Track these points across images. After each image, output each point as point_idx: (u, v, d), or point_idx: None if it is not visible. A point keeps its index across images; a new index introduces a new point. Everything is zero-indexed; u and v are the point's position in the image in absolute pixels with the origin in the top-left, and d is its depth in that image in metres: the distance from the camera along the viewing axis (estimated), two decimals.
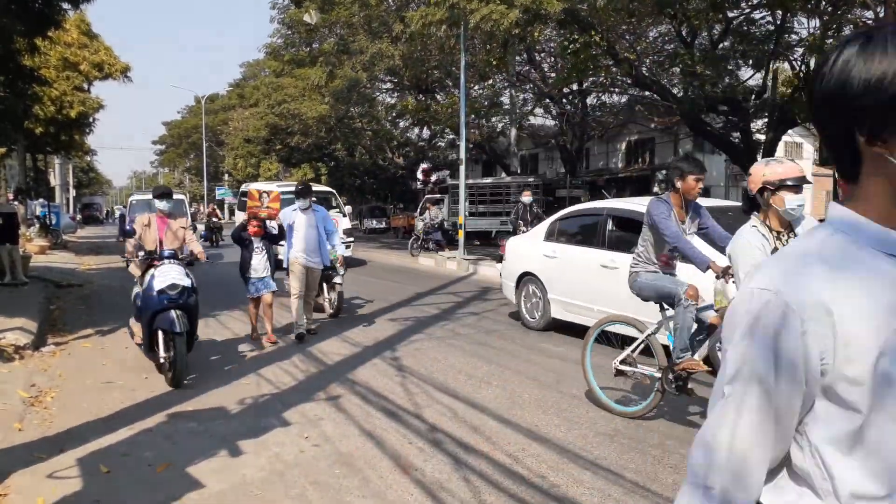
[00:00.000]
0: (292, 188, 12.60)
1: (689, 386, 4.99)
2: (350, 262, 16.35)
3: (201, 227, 33.80)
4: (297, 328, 8.31)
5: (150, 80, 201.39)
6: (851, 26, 15.20)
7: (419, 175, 32.32)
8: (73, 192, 57.94)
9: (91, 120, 24.87)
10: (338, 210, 18.85)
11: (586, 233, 8.23)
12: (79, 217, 52.52)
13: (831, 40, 13.76)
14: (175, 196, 21.45)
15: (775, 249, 3.63)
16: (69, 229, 35.42)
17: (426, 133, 33.96)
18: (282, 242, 8.47)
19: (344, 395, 5.98)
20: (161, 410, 5.52)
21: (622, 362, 5.28)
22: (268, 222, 8.29)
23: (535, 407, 5.57)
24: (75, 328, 9.22)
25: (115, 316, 10.13)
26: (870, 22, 14.43)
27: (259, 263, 8.03)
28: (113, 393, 6.07)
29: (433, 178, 32.05)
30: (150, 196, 21.74)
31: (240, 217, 20.16)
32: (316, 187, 19.78)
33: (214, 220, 28.42)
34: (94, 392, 6.12)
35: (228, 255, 19.30)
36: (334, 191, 20.63)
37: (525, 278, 9.03)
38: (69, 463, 4.43)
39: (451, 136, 32.01)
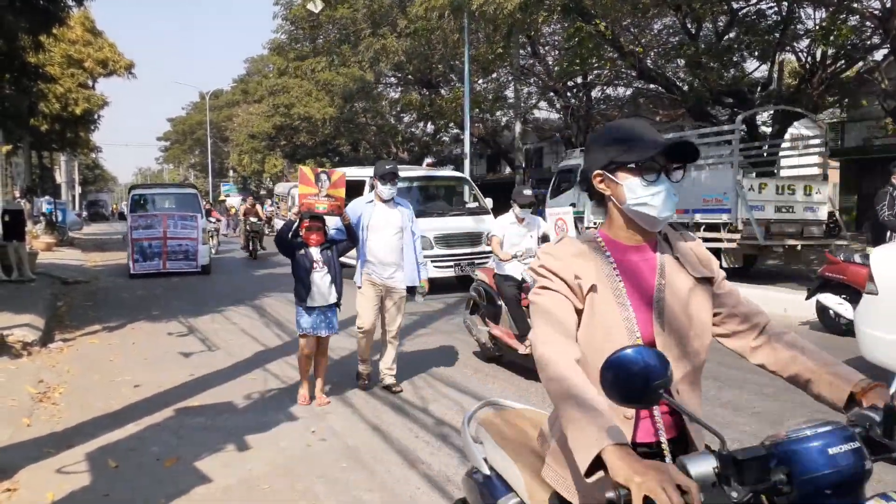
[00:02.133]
0: (368, 170, 11.04)
1: None
2: None
3: (229, 232, 32.08)
4: (361, 366, 6.08)
5: (154, 77, 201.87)
6: (858, 17, 15.09)
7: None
8: (78, 189, 58.15)
9: (96, 117, 24.92)
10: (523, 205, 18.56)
11: None
12: (84, 214, 52.71)
13: (838, 31, 13.67)
14: (184, 189, 17.79)
15: None
16: (75, 226, 35.54)
17: (430, 128, 33.94)
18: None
19: (350, 389, 5.99)
20: (168, 406, 5.54)
21: None
22: (330, 223, 5.67)
23: (542, 401, 5.56)
24: (82, 324, 9.25)
25: (121, 312, 10.18)
26: (877, 12, 14.32)
27: (320, 285, 5.40)
28: (120, 388, 6.09)
29: None
30: (158, 190, 17.90)
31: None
32: (440, 171, 15.27)
33: (254, 220, 20.30)
34: (101, 388, 6.14)
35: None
36: (467, 177, 14.30)
37: None
38: (78, 458, 4.45)
39: (456, 131, 31.98)
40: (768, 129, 21.13)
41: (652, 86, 22.37)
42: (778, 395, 5.52)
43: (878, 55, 17.92)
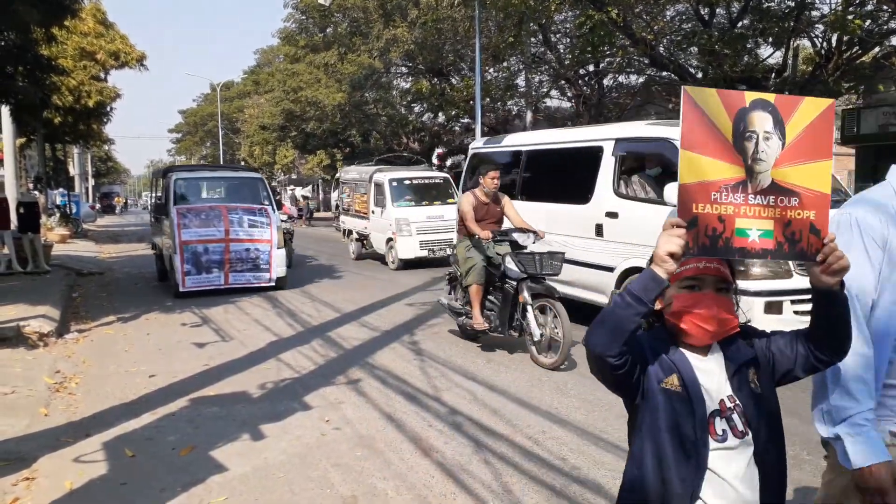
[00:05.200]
0: None
1: None
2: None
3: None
4: None
5: (165, 69, 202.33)
6: (875, 1, 14.88)
7: (434, 160, 32.24)
8: (91, 182, 58.52)
9: (108, 109, 25.01)
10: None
11: None
12: (98, 206, 53.06)
13: (853, 16, 13.48)
14: (243, 173, 12.94)
15: None
16: (89, 218, 35.83)
17: (441, 118, 33.87)
18: None
19: (364, 378, 6.01)
20: (183, 395, 5.58)
21: None
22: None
23: (555, 390, 5.56)
24: (97, 315, 9.33)
25: (136, 303, 10.25)
26: None
27: (734, 486, 1.59)
28: (135, 378, 6.14)
29: (448, 162, 31.95)
30: (207, 173, 13.27)
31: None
32: None
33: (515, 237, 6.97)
34: (117, 378, 6.20)
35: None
36: None
37: None
38: (95, 447, 4.49)
39: (466, 121, 31.88)
40: None
41: (665, 73, 22.18)
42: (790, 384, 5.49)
43: (895, 40, 17.67)
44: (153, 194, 14.43)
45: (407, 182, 14.55)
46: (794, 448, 4.20)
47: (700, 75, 18.37)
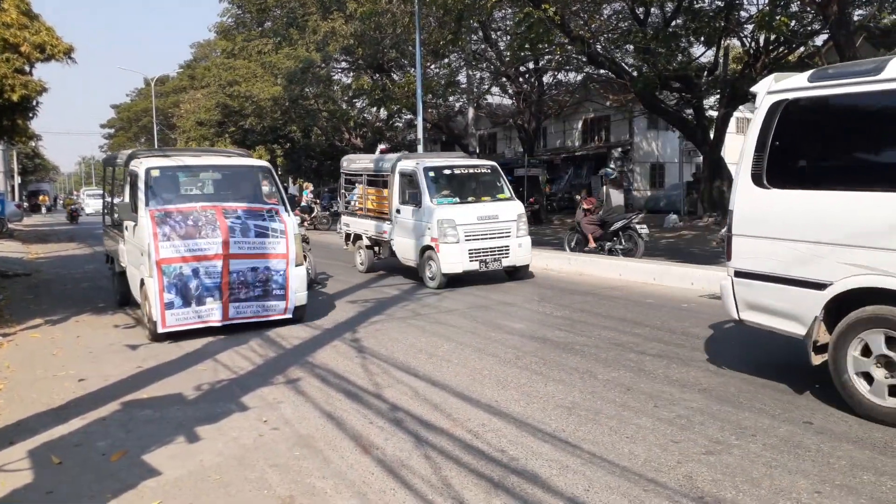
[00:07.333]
0: None
1: None
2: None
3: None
4: None
5: (96, 62, 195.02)
6: (799, 2, 15.50)
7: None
8: (17, 179, 56.12)
9: (34, 104, 23.94)
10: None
11: None
12: (25, 205, 50.91)
13: (780, 16, 14.01)
14: (241, 161, 8.95)
15: None
16: (15, 217, 34.36)
17: (383, 114, 33.72)
18: None
19: (303, 377, 5.94)
20: (115, 399, 5.41)
21: None
22: None
23: (495, 383, 5.61)
24: (23, 318, 8.95)
25: (65, 304, 9.89)
26: None
27: None
28: (64, 383, 5.92)
29: None
30: (191, 160, 8.50)
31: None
32: None
33: None
34: (44, 382, 5.96)
35: None
36: None
37: None
38: (19, 455, 4.32)
39: (409, 117, 31.85)
40: (715, 113, 21.62)
41: (602, 71, 22.63)
42: (722, 372, 5.68)
43: (819, 40, 18.45)
44: (106, 189, 11.35)
45: (447, 172, 11.14)
46: (724, 433, 4.35)
47: (635, 73, 18.82)
